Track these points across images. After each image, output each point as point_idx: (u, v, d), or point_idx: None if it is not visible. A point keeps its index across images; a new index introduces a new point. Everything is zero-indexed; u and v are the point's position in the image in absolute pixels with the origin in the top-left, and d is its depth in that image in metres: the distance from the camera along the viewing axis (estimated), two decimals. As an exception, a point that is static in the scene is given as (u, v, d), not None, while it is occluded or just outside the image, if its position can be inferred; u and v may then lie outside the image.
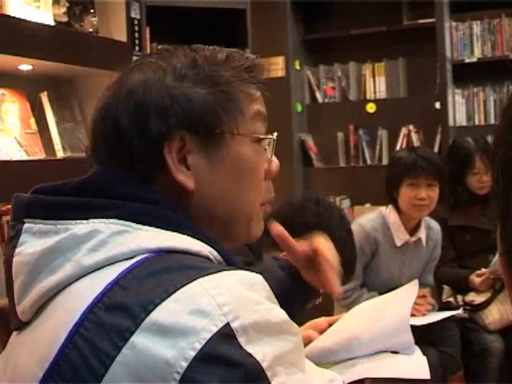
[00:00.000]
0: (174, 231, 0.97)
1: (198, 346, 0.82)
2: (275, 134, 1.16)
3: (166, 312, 0.84)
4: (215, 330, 0.83)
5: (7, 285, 1.00)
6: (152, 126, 1.01)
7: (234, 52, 1.12)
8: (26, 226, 0.98)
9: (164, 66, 1.05)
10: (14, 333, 1.01)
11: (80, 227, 0.94)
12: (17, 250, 0.98)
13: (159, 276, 0.88)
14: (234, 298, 0.86)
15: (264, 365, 0.84)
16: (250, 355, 0.83)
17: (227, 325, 0.83)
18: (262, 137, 1.12)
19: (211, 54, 1.09)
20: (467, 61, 5.18)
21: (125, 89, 1.04)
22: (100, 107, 1.07)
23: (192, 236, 0.97)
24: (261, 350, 0.84)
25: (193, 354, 0.81)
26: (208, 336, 0.82)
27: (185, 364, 0.81)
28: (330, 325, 2.10)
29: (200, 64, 1.06)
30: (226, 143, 1.06)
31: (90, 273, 0.92)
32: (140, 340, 0.82)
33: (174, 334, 0.82)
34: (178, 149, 1.02)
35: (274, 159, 1.17)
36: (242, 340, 0.84)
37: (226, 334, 0.83)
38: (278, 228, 1.48)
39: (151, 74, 1.05)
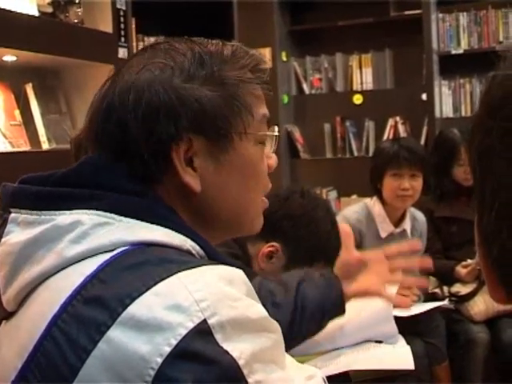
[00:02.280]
0: (157, 224, 0.96)
1: (174, 342, 0.81)
2: (276, 128, 1.17)
3: (143, 306, 0.83)
4: (191, 326, 0.82)
5: None
6: (161, 127, 0.99)
7: (239, 48, 1.10)
8: (11, 215, 0.98)
9: (171, 64, 1.02)
10: (3, 323, 1.02)
11: (63, 218, 0.94)
12: (2, 240, 0.98)
13: (138, 269, 0.88)
14: (212, 293, 0.85)
15: (240, 362, 0.83)
16: (227, 352, 0.83)
17: (204, 321, 0.83)
18: (268, 134, 1.13)
19: (217, 50, 1.07)
20: (454, 52, 5.19)
21: (130, 86, 1.01)
22: (102, 101, 1.03)
23: (174, 229, 0.97)
24: (238, 348, 0.84)
25: (168, 350, 0.81)
26: (184, 332, 0.82)
27: (160, 360, 0.80)
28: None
29: (207, 62, 1.04)
30: (233, 145, 1.05)
31: (71, 264, 0.92)
32: (116, 334, 0.82)
33: (150, 328, 0.82)
34: (184, 151, 1.01)
35: (273, 155, 1.17)
36: (218, 337, 0.83)
37: (203, 330, 0.82)
38: (347, 228, 1.57)
39: (158, 72, 1.01)
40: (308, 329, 1.64)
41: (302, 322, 1.60)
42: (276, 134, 1.17)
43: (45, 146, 2.72)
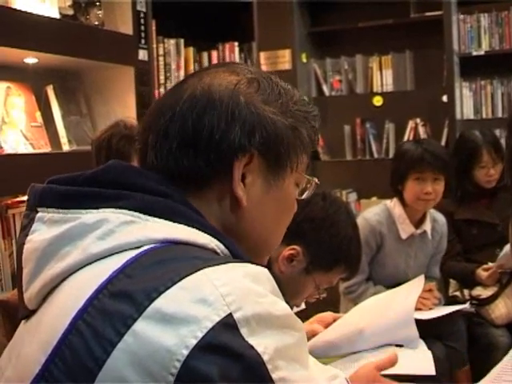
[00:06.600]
0: (183, 224, 0.98)
1: (200, 335, 0.82)
2: (316, 179, 1.23)
3: (170, 300, 0.84)
4: (217, 319, 0.83)
5: (17, 273, 1.02)
6: (234, 136, 1.03)
7: (302, 95, 1.17)
8: (38, 214, 1.00)
9: (255, 84, 1.08)
10: (22, 322, 1.02)
11: (89, 216, 0.96)
12: (28, 238, 1.00)
13: (165, 265, 0.89)
14: (238, 289, 0.86)
15: (265, 357, 0.84)
16: (252, 347, 0.84)
17: (230, 315, 0.84)
18: (313, 180, 1.21)
19: (289, 88, 1.14)
20: (474, 54, 5.16)
21: (212, 90, 1.05)
22: (174, 102, 1.06)
23: (199, 229, 0.98)
24: (262, 343, 0.85)
25: (194, 342, 0.82)
26: (210, 325, 0.83)
27: (186, 352, 0.81)
28: (336, 319, 2.10)
29: (282, 94, 1.10)
30: (284, 176, 1.10)
31: (96, 260, 0.93)
32: (142, 327, 0.83)
33: (176, 322, 0.83)
34: (243, 164, 1.04)
35: None
36: (244, 331, 0.84)
37: (229, 324, 0.83)
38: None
39: (244, 85, 1.07)
40: None
41: None
42: (317, 182, 1.23)
43: (65, 147, 2.73)
